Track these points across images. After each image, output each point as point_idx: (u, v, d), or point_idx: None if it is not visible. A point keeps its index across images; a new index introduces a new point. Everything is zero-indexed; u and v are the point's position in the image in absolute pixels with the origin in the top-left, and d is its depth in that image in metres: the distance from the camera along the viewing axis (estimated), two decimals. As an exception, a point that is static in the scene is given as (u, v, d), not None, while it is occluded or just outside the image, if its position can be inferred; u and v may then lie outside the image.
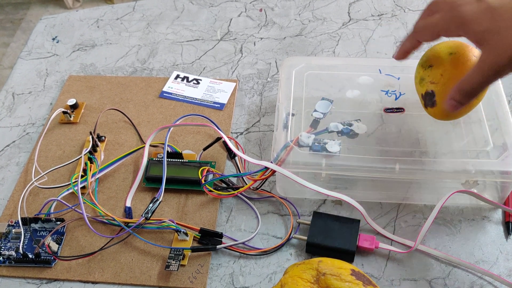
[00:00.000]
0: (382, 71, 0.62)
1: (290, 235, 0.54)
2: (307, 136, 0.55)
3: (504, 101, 0.57)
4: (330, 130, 0.56)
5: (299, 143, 0.55)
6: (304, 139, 0.55)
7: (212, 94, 0.69)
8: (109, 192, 0.59)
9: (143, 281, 0.51)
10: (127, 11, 0.86)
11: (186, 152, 0.62)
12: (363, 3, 0.82)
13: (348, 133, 0.56)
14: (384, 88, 0.61)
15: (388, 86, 0.61)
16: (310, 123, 0.57)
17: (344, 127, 0.56)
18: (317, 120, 0.58)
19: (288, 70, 0.62)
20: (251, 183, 0.55)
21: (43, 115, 0.70)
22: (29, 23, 2.16)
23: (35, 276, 0.53)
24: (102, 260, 0.53)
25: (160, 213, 0.56)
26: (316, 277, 0.43)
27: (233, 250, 0.53)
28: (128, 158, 0.62)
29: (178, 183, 0.58)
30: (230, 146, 0.58)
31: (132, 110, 0.68)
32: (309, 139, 0.55)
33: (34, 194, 0.59)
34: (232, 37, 0.79)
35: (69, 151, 0.64)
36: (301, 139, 0.55)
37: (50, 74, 0.76)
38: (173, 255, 0.52)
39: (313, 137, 0.55)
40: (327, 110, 0.58)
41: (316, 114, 0.58)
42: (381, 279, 0.51)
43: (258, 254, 0.53)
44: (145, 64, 0.76)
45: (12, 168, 0.63)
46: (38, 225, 0.56)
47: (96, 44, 0.80)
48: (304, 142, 0.55)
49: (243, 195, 0.58)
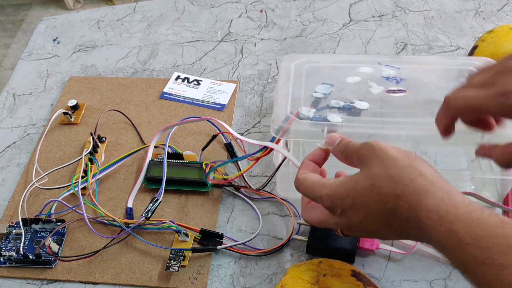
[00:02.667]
0: (382, 63, 0.61)
1: (290, 236, 0.54)
2: (308, 110, 0.53)
3: None
4: (331, 106, 0.54)
5: (299, 116, 0.53)
6: (304, 112, 0.53)
7: (212, 95, 0.70)
8: (109, 192, 0.59)
9: (144, 282, 0.51)
10: (127, 12, 0.86)
11: (186, 153, 0.62)
12: (364, 4, 0.82)
13: (350, 110, 0.53)
14: (385, 75, 0.60)
15: (389, 74, 0.60)
16: (311, 103, 0.55)
17: (346, 103, 0.55)
18: (318, 100, 0.56)
19: (288, 64, 0.61)
20: (253, 163, 0.55)
21: (43, 116, 0.70)
22: (30, 24, 2.16)
23: (36, 277, 0.53)
24: (102, 261, 0.53)
25: (160, 214, 0.56)
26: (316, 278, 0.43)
27: (234, 251, 0.53)
28: (128, 158, 0.62)
29: (178, 183, 0.58)
30: (231, 131, 0.56)
31: (132, 111, 0.68)
32: (309, 112, 0.53)
33: (35, 195, 0.59)
34: (232, 38, 0.79)
35: (69, 152, 0.64)
36: (301, 112, 0.53)
37: (50, 75, 0.76)
38: (173, 256, 0.52)
39: (313, 110, 0.53)
40: (327, 91, 0.57)
41: (316, 94, 0.57)
42: (381, 280, 0.50)
43: (258, 255, 0.53)
44: (146, 65, 0.76)
45: (12, 169, 0.63)
46: (39, 226, 0.56)
47: (97, 45, 0.80)
48: (305, 115, 0.53)
49: (244, 195, 0.58)
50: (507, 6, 0.80)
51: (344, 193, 0.38)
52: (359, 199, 0.37)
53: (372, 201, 0.37)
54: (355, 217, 0.38)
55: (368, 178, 0.37)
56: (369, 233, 0.39)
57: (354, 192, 0.38)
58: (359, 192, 0.38)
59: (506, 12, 0.79)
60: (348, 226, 0.40)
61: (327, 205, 0.40)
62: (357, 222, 0.38)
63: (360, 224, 0.38)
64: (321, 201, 0.40)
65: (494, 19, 0.78)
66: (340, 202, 0.39)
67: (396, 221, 0.36)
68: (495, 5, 0.80)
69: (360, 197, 0.37)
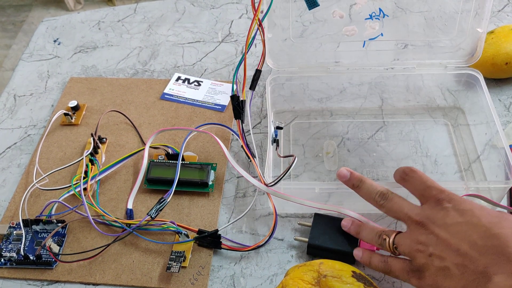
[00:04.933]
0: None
1: (272, 231, 0.54)
2: None
3: None
4: None
5: None
6: None
7: (213, 96, 0.70)
8: (110, 193, 0.59)
9: (144, 283, 0.51)
10: (128, 13, 0.86)
11: (187, 154, 0.62)
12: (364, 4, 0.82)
13: None
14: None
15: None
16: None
17: None
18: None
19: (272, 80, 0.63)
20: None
21: (44, 117, 0.70)
22: (30, 25, 2.16)
23: (36, 278, 0.53)
24: (103, 261, 0.53)
25: (161, 214, 0.56)
26: (317, 279, 0.43)
27: (233, 250, 0.53)
28: (129, 159, 0.62)
29: (179, 184, 0.58)
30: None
31: (133, 112, 0.68)
32: None
33: (35, 196, 0.59)
34: (233, 39, 0.79)
35: (70, 153, 0.64)
36: None
37: (51, 76, 0.76)
38: (174, 256, 0.52)
39: None
40: None
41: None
42: (382, 281, 0.50)
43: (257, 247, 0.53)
44: (146, 66, 0.76)
45: (13, 170, 0.63)
46: (39, 227, 0.56)
47: (98, 46, 0.80)
48: None
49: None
50: (507, 7, 0.80)
51: None
52: None
53: None
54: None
55: None
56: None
57: None
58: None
59: (506, 13, 0.79)
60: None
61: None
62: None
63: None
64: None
65: (494, 19, 0.78)
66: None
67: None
68: (496, 6, 0.80)
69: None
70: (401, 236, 0.45)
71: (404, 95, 0.66)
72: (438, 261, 0.41)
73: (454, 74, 0.62)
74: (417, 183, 0.46)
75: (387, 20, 0.59)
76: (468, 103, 0.63)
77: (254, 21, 0.54)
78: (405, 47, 0.62)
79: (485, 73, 0.62)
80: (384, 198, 0.47)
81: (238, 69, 0.56)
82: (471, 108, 0.63)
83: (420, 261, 0.42)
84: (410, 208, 0.45)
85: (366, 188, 0.48)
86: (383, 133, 0.63)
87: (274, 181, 0.51)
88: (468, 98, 0.63)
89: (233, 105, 0.57)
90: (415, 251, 0.43)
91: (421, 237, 0.43)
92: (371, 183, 0.48)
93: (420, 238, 0.43)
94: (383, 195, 0.47)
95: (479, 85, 0.59)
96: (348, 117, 0.65)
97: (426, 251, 0.42)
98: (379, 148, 0.61)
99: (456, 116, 0.64)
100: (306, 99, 0.66)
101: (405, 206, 0.45)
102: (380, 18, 0.59)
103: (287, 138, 0.63)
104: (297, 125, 0.65)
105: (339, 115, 0.66)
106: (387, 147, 0.61)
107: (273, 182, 0.51)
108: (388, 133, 0.63)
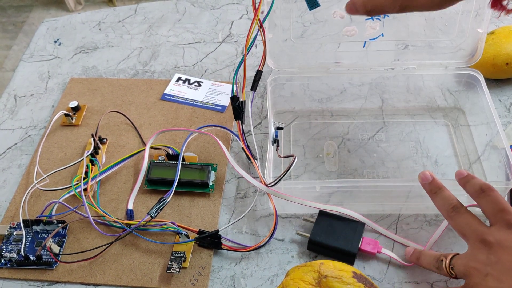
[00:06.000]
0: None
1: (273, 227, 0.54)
2: None
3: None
4: None
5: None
6: None
7: (213, 97, 0.70)
8: (110, 194, 0.59)
9: (145, 283, 0.51)
10: (128, 14, 0.86)
11: (187, 154, 0.62)
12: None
13: None
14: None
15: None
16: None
17: None
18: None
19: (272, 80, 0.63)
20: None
21: (45, 118, 0.70)
22: (31, 26, 2.16)
23: (37, 278, 0.53)
24: (103, 262, 0.53)
25: (161, 215, 0.56)
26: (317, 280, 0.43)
27: (233, 250, 0.53)
28: (129, 160, 0.62)
29: (179, 185, 0.58)
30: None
31: (133, 113, 0.68)
32: None
33: (36, 196, 0.59)
34: (233, 40, 0.79)
35: (70, 154, 0.64)
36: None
37: (52, 77, 0.76)
38: (174, 257, 0.52)
39: None
40: None
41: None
42: (382, 282, 0.50)
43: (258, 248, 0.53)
44: (147, 66, 0.76)
45: (14, 170, 0.63)
46: (40, 227, 0.56)
47: (98, 46, 0.80)
48: None
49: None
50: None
51: None
52: None
53: None
54: None
55: None
56: None
57: None
58: None
59: (507, 14, 0.79)
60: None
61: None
62: None
63: None
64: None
65: (495, 20, 0.78)
66: None
67: None
68: (496, 7, 0.80)
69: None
70: (459, 257, 0.45)
71: (405, 96, 0.66)
72: (493, 282, 0.40)
73: (455, 75, 0.62)
74: (493, 203, 0.45)
75: (388, 21, 0.59)
76: (468, 104, 0.63)
77: (255, 22, 0.54)
78: (406, 48, 0.62)
79: (485, 74, 0.62)
80: (457, 211, 0.46)
81: (238, 70, 0.56)
82: (472, 108, 0.63)
83: (474, 280, 0.42)
84: (479, 226, 0.45)
85: (442, 197, 0.48)
86: (383, 134, 0.63)
87: (274, 181, 0.51)
88: (468, 99, 0.63)
89: (233, 106, 0.57)
90: (471, 268, 0.42)
91: (481, 256, 0.42)
92: (449, 193, 0.48)
93: (480, 257, 0.42)
94: (457, 208, 0.46)
95: (480, 86, 0.59)
96: (349, 118, 0.65)
97: (484, 270, 0.41)
98: (380, 149, 0.61)
99: (457, 116, 0.64)
100: (307, 100, 0.67)
101: (474, 224, 0.45)
102: (381, 19, 0.59)
103: (287, 139, 0.63)
104: (297, 125, 0.65)
105: (340, 115, 0.66)
106: (387, 147, 0.61)
107: (273, 182, 0.51)
108: (389, 134, 0.63)
